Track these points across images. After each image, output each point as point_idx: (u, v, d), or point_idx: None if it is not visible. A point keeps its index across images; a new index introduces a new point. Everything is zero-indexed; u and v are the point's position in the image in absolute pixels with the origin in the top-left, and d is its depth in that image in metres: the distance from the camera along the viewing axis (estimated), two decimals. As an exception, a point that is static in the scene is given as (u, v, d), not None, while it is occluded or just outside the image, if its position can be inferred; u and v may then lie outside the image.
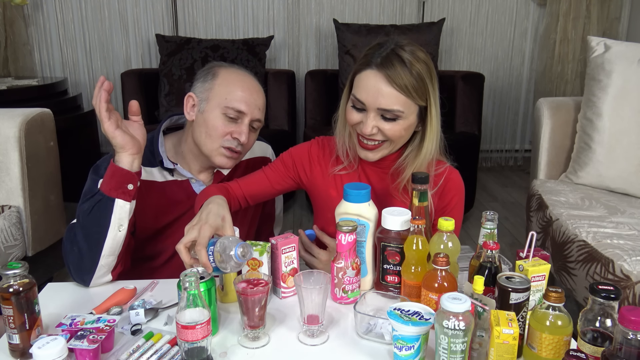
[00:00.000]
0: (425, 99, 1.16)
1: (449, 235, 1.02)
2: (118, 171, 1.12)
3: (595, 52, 2.12)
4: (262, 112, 1.32)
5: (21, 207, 1.89)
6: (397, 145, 1.21)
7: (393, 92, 1.12)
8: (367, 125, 1.15)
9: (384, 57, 1.12)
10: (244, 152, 1.33)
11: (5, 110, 1.94)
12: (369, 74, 1.14)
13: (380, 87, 1.12)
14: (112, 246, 1.14)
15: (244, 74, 1.33)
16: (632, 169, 1.98)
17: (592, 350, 0.86)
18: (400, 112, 1.13)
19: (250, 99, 1.28)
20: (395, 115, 1.14)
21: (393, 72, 1.11)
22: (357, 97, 1.16)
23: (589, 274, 1.58)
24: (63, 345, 0.82)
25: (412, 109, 1.16)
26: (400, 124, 1.16)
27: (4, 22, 3.49)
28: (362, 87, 1.15)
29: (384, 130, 1.16)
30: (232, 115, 1.27)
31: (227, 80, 1.29)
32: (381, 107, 1.13)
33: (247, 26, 3.79)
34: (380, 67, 1.12)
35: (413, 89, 1.12)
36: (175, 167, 1.32)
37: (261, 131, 1.40)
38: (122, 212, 1.13)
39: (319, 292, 0.97)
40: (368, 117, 1.15)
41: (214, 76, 1.30)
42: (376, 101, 1.13)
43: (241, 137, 1.27)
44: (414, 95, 1.13)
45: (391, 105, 1.12)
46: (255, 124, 1.32)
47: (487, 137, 4.17)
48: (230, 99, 1.26)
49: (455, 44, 3.97)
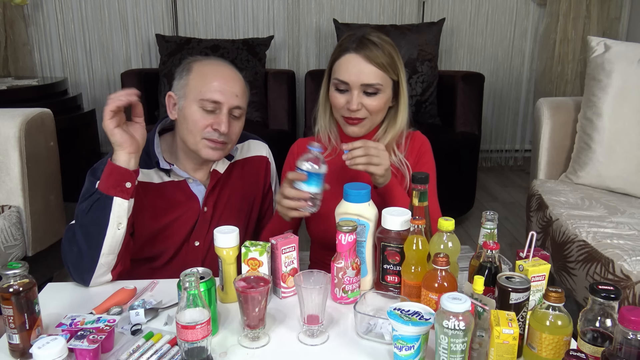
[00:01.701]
0: (397, 74, 1.33)
1: (449, 235, 1.02)
2: (116, 169, 1.12)
3: (595, 52, 2.12)
4: (241, 98, 1.29)
5: (21, 207, 1.89)
6: (377, 119, 1.35)
7: (372, 69, 1.28)
8: (353, 102, 1.29)
9: (359, 42, 1.29)
10: (230, 142, 1.31)
11: (5, 110, 1.94)
12: (349, 57, 1.29)
13: (361, 66, 1.28)
14: (112, 244, 1.14)
15: (218, 64, 1.32)
16: (632, 169, 1.98)
17: (592, 350, 0.86)
18: (380, 85, 1.29)
19: (226, 87, 1.26)
20: (376, 89, 1.29)
21: (370, 52, 1.28)
22: (341, 79, 1.30)
23: (589, 274, 1.58)
24: (63, 345, 0.82)
25: (388, 82, 1.32)
26: (380, 98, 1.31)
27: (4, 22, 3.49)
28: (344, 69, 1.30)
29: (367, 105, 1.30)
30: (210, 107, 1.25)
31: (200, 73, 1.28)
32: (364, 83, 1.28)
33: (247, 26, 3.79)
34: (358, 49, 1.28)
35: (387, 64, 1.29)
36: (171, 168, 1.32)
37: (261, 131, 1.40)
38: (121, 210, 1.13)
39: (319, 292, 0.97)
40: (352, 95, 1.29)
41: (189, 71, 1.29)
42: (359, 79, 1.28)
43: (221, 127, 1.25)
44: (389, 70, 1.30)
45: (372, 80, 1.28)
46: (236, 111, 1.29)
47: (487, 137, 4.17)
48: (205, 90, 1.25)
49: (455, 44, 3.97)
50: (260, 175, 1.48)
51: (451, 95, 3.14)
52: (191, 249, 1.35)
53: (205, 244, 1.36)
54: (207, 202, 1.35)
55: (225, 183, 1.39)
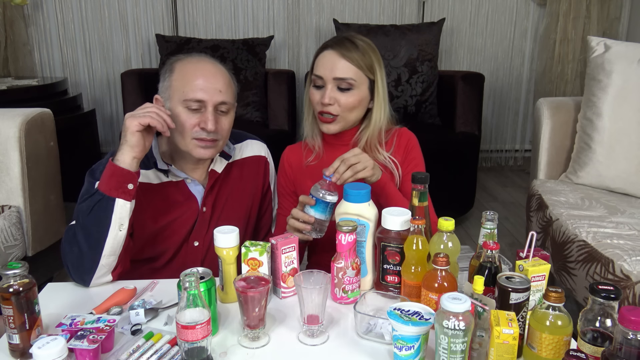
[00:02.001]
0: (373, 73, 1.35)
1: (449, 235, 1.02)
2: (118, 171, 1.12)
3: (595, 52, 2.12)
4: (225, 93, 1.28)
5: (21, 207, 1.89)
6: (350, 118, 1.36)
7: (346, 64, 1.32)
8: (326, 96, 1.32)
9: (337, 40, 1.35)
10: (221, 138, 1.30)
11: (5, 110, 1.94)
12: (325, 54, 1.35)
13: (334, 61, 1.32)
14: (113, 246, 1.14)
15: (199, 60, 1.30)
16: (632, 169, 1.98)
17: (592, 350, 0.86)
18: (353, 80, 1.32)
19: (208, 85, 1.25)
20: (349, 84, 1.32)
21: (344, 49, 1.32)
22: (317, 73, 1.34)
23: (589, 274, 1.58)
24: (63, 345, 0.82)
25: (363, 80, 1.34)
26: (354, 95, 1.33)
27: (4, 22, 3.49)
28: (320, 64, 1.34)
29: (339, 100, 1.32)
30: (195, 107, 1.25)
31: (182, 73, 1.27)
32: (337, 77, 1.31)
33: (247, 26, 3.79)
34: (334, 46, 1.33)
35: (362, 61, 1.32)
36: (169, 168, 1.32)
37: (261, 131, 1.40)
38: (123, 211, 1.13)
39: (319, 292, 0.97)
40: (326, 89, 1.33)
41: (171, 72, 1.28)
42: (332, 72, 1.32)
43: (207, 126, 1.24)
44: (362, 67, 1.33)
45: (344, 74, 1.31)
46: (222, 107, 1.28)
47: (487, 137, 4.17)
48: (188, 90, 1.24)
49: (455, 44, 3.97)
50: (259, 175, 1.47)
51: (451, 95, 3.14)
52: (190, 249, 1.35)
53: (204, 244, 1.36)
54: (206, 202, 1.35)
55: (224, 183, 1.39)
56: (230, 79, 1.32)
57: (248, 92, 3.20)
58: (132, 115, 1.16)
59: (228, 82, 1.30)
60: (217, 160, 1.37)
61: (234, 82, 1.34)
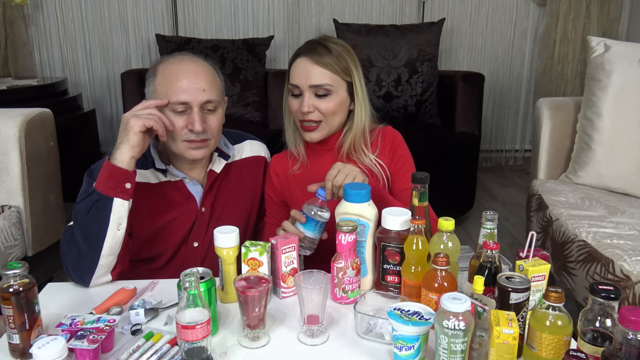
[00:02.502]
0: (350, 75, 1.34)
1: (449, 235, 1.02)
2: (116, 170, 1.12)
3: (595, 52, 2.12)
4: (209, 92, 1.25)
5: (21, 207, 1.89)
6: (334, 122, 1.35)
7: (320, 70, 1.30)
8: (304, 104, 1.30)
9: (309, 46, 1.33)
10: (211, 137, 1.28)
11: (5, 110, 1.94)
12: (299, 61, 1.33)
13: (309, 68, 1.30)
14: (112, 245, 1.14)
15: (180, 61, 1.27)
16: (632, 169, 1.98)
17: (592, 350, 0.86)
18: (330, 85, 1.31)
19: (190, 85, 1.22)
20: (326, 90, 1.31)
21: (317, 55, 1.30)
22: (293, 83, 1.33)
23: (589, 274, 1.58)
24: (63, 345, 0.82)
25: (340, 83, 1.33)
26: (333, 99, 1.32)
27: (4, 22, 3.49)
28: (295, 73, 1.33)
29: (319, 107, 1.31)
30: (180, 109, 1.23)
31: (164, 76, 1.25)
32: (313, 84, 1.30)
33: (247, 26, 3.79)
34: (307, 53, 1.32)
35: (337, 65, 1.31)
36: (167, 168, 1.32)
37: (261, 131, 1.40)
38: (121, 210, 1.13)
39: (319, 292, 0.97)
40: (304, 97, 1.31)
41: (154, 76, 1.27)
42: (307, 80, 1.30)
43: (194, 127, 1.23)
44: (338, 71, 1.31)
45: (320, 80, 1.30)
46: (208, 105, 1.25)
47: (487, 137, 4.17)
48: (171, 93, 1.22)
49: (455, 44, 3.97)
50: (258, 176, 1.47)
51: (451, 95, 3.14)
52: (190, 249, 1.35)
53: (204, 245, 1.36)
54: (205, 203, 1.35)
55: (223, 183, 1.39)
56: (215, 74, 1.30)
57: (248, 92, 3.20)
58: (136, 116, 1.15)
59: (212, 79, 1.27)
60: (215, 160, 1.36)
61: (219, 78, 1.31)
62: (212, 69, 1.30)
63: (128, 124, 1.14)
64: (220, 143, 1.38)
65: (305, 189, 1.25)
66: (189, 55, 1.30)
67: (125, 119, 1.16)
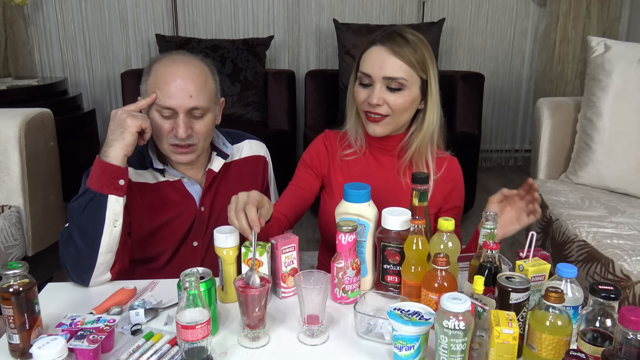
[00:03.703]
0: (426, 72, 1.26)
1: (449, 235, 1.02)
2: (109, 167, 1.13)
3: (595, 52, 2.12)
4: (196, 98, 1.21)
5: (21, 207, 1.89)
6: (401, 120, 1.28)
7: (397, 62, 1.22)
8: (374, 96, 1.23)
9: (387, 35, 1.24)
10: (198, 142, 1.25)
11: (5, 110, 1.94)
12: (374, 49, 1.24)
13: (385, 58, 1.22)
14: (109, 242, 1.14)
15: (172, 62, 1.23)
16: (632, 169, 1.98)
17: (592, 350, 0.86)
18: (404, 80, 1.23)
19: (177, 91, 1.19)
20: (399, 85, 1.23)
21: (396, 45, 1.22)
22: (364, 71, 1.25)
23: (589, 274, 1.58)
24: (63, 345, 0.82)
25: (415, 79, 1.25)
26: (405, 95, 1.24)
27: (4, 22, 3.49)
28: (368, 61, 1.25)
29: (389, 101, 1.24)
30: (166, 114, 1.21)
31: (155, 77, 1.22)
32: (386, 76, 1.22)
33: (247, 26, 3.79)
34: (384, 42, 1.23)
35: (415, 59, 1.23)
36: (165, 168, 1.32)
37: (261, 131, 1.40)
38: (117, 207, 1.14)
39: (319, 292, 0.97)
40: (374, 88, 1.24)
41: (148, 74, 1.25)
42: (381, 71, 1.22)
43: (178, 133, 1.21)
44: (415, 66, 1.24)
45: (395, 73, 1.22)
46: (195, 112, 1.22)
47: (487, 137, 4.17)
48: (159, 96, 1.21)
49: (455, 44, 3.97)
50: (258, 175, 1.47)
51: (451, 95, 3.14)
52: (190, 249, 1.35)
53: (203, 244, 1.36)
54: (204, 202, 1.35)
55: (222, 183, 1.38)
56: (207, 78, 1.25)
57: (248, 92, 3.20)
58: (133, 116, 1.15)
59: (202, 84, 1.23)
60: (214, 159, 1.36)
61: (212, 80, 1.27)
62: (206, 71, 1.26)
63: (125, 122, 1.14)
64: (219, 142, 1.38)
65: (347, 180, 1.23)
66: (183, 55, 1.26)
67: (120, 117, 1.15)
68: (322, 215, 1.38)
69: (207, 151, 1.37)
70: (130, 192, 1.19)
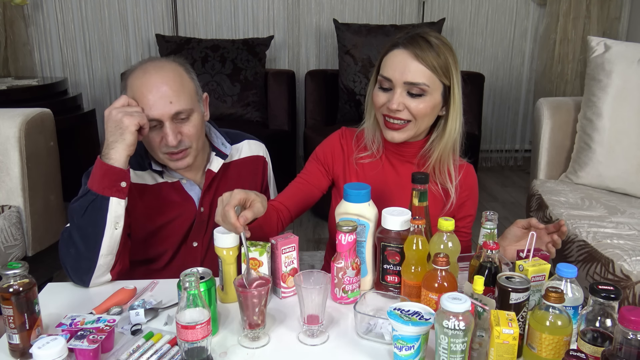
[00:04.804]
0: (449, 78, 1.21)
1: (449, 235, 1.02)
2: (111, 169, 1.12)
3: (595, 52, 2.12)
4: (177, 102, 1.19)
5: (21, 207, 1.89)
6: (421, 126, 1.24)
7: (419, 67, 1.18)
8: (394, 101, 1.19)
9: (410, 38, 1.20)
10: (191, 144, 1.24)
11: (5, 110, 1.94)
12: (396, 53, 1.20)
13: (407, 62, 1.18)
14: (110, 244, 1.14)
15: (145, 72, 1.21)
16: (632, 169, 1.98)
17: (592, 350, 0.86)
18: (426, 86, 1.18)
19: (156, 99, 1.17)
20: (421, 90, 1.19)
21: (419, 49, 1.18)
22: (385, 75, 1.21)
23: (589, 274, 1.58)
24: (63, 345, 0.82)
25: (437, 85, 1.20)
26: (426, 101, 1.20)
27: (4, 22, 3.49)
28: (389, 64, 1.21)
29: (410, 107, 1.20)
30: (152, 124, 1.19)
31: (132, 90, 1.20)
32: (408, 81, 1.18)
33: (247, 26, 3.79)
34: (407, 45, 1.19)
35: (438, 65, 1.18)
36: (163, 170, 1.32)
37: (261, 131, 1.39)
38: (118, 209, 1.13)
39: (319, 292, 0.97)
40: (395, 93, 1.20)
41: (125, 90, 1.23)
42: (403, 76, 1.18)
43: (168, 142, 1.20)
44: (438, 72, 1.19)
45: (417, 78, 1.18)
46: (180, 116, 1.20)
47: (487, 137, 4.17)
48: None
49: (455, 44, 3.96)
50: (257, 175, 1.47)
51: (451, 95, 3.14)
52: (189, 250, 1.35)
53: (203, 245, 1.36)
54: (203, 203, 1.35)
55: (222, 183, 1.38)
56: (182, 78, 1.22)
57: (248, 92, 3.20)
58: (129, 114, 1.14)
59: (178, 87, 1.20)
60: (213, 159, 1.35)
61: (189, 79, 1.25)
62: (180, 72, 1.23)
63: (122, 123, 1.13)
64: (218, 142, 1.38)
65: (362, 178, 1.23)
66: (154, 62, 1.24)
67: (116, 117, 1.13)
68: (332, 215, 1.36)
69: (206, 151, 1.37)
70: (130, 193, 1.19)
